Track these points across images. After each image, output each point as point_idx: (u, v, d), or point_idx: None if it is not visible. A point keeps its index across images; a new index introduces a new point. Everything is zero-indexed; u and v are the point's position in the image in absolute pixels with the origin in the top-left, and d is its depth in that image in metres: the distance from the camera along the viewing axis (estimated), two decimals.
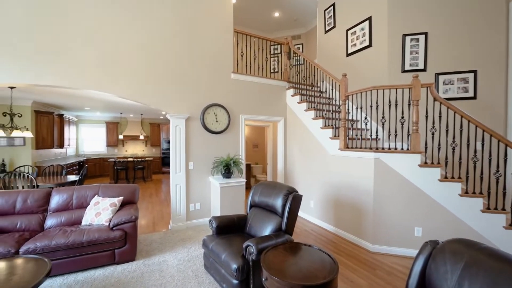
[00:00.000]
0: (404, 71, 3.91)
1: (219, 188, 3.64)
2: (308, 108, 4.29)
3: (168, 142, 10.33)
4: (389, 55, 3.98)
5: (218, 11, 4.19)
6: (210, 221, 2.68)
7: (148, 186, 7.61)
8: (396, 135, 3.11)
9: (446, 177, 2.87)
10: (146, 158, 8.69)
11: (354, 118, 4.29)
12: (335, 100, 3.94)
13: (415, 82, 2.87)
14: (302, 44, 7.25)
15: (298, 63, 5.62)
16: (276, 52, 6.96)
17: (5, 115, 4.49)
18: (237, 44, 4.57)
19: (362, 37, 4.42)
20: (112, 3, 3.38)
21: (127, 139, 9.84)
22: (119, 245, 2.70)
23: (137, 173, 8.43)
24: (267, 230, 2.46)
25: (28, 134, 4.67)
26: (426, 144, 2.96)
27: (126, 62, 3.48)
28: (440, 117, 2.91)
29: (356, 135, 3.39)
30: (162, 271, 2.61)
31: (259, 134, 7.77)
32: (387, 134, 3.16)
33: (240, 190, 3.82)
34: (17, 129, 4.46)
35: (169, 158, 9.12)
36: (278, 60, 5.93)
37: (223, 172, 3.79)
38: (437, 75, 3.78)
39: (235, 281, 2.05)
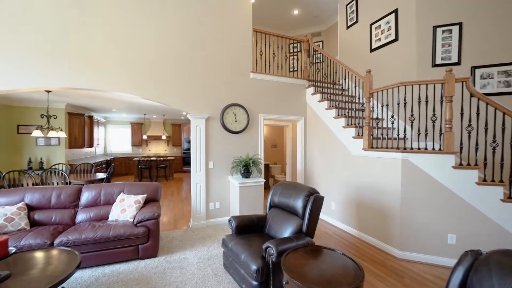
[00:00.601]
0: (434, 65, 3.64)
1: (238, 187, 3.64)
2: (329, 106, 4.15)
3: (189, 142, 10.60)
4: (418, 48, 3.73)
5: (237, 11, 4.20)
6: (229, 220, 2.67)
7: (170, 185, 7.85)
8: (426, 134, 2.89)
9: (485, 180, 2.62)
10: (168, 158, 8.98)
11: (379, 116, 4.07)
12: (358, 98, 3.76)
13: (448, 77, 2.65)
14: (322, 41, 7.06)
15: (318, 61, 5.48)
16: (295, 50, 6.84)
17: (42, 117, 4.86)
18: (256, 43, 4.55)
19: (388, 31, 4.19)
20: (135, 10, 3.52)
21: (150, 139, 10.25)
22: (143, 241, 2.80)
23: (159, 172, 8.74)
24: (287, 232, 2.40)
25: (62, 135, 5.02)
26: (461, 144, 2.71)
27: (149, 65, 3.60)
28: (477, 114, 2.66)
29: (382, 135, 3.21)
30: (182, 268, 2.65)
31: (278, 134, 7.69)
32: (416, 133, 2.95)
33: (259, 190, 3.79)
34: (52, 129, 4.81)
35: (189, 157, 9.34)
36: (297, 58, 5.83)
37: (242, 171, 3.79)
38: (473, 68, 3.47)
39: (254, 282, 2.02)
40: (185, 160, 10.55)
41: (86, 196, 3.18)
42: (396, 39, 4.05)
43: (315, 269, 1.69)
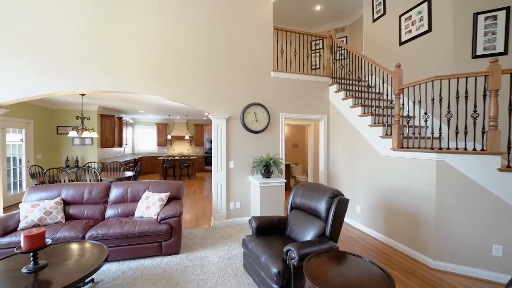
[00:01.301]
0: (475, 56, 3.29)
1: (258, 187, 3.60)
2: (354, 104, 3.95)
3: (211, 142, 10.81)
4: (455, 39, 3.40)
5: (258, 10, 4.16)
6: (249, 221, 2.64)
7: (192, 183, 8.06)
8: (466, 133, 2.61)
9: None
10: (191, 157, 9.23)
11: (410, 114, 3.78)
12: (387, 95, 3.53)
13: (494, 68, 2.37)
14: (346, 37, 6.78)
15: (342, 57, 5.26)
16: (317, 47, 6.64)
17: (77, 119, 5.24)
18: (277, 41, 4.47)
19: (419, 21, 3.88)
20: (159, 15, 3.64)
21: (174, 139, 10.62)
22: (165, 238, 2.87)
23: (182, 171, 9.02)
24: (309, 235, 2.31)
25: (94, 135, 5.37)
26: (509, 143, 2.41)
27: (173, 67, 3.70)
28: None
29: (413, 133, 2.96)
30: (203, 267, 2.67)
31: (299, 134, 7.53)
32: (454, 132, 2.67)
33: (280, 190, 3.72)
34: (86, 130, 5.16)
35: (211, 157, 9.51)
36: (319, 55, 5.64)
37: (263, 171, 3.74)
38: None
39: (275, 286, 1.96)
40: (207, 159, 10.77)
41: (114, 193, 3.34)
42: (429, 30, 3.74)
43: (339, 277, 1.58)
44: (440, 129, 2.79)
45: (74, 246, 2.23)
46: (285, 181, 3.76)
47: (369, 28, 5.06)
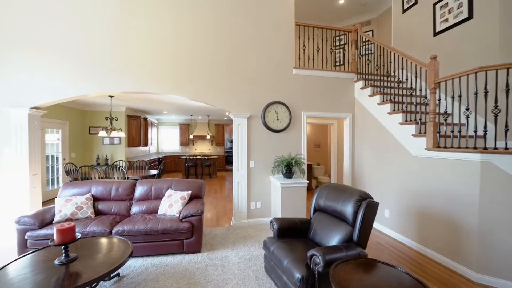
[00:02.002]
0: None
1: (279, 188, 3.51)
2: (383, 101, 3.70)
3: (231, 142, 10.89)
4: (502, 25, 3.03)
5: (279, 6, 4.07)
6: (271, 222, 2.56)
7: (213, 182, 8.16)
8: None
9: None
10: (212, 156, 9.36)
11: (447, 110, 3.45)
12: (420, 90, 3.24)
13: None
14: (372, 30, 6.42)
15: (367, 52, 4.97)
16: (341, 43, 6.36)
17: (106, 119, 5.53)
18: (299, 37, 4.34)
19: (458, 8, 3.53)
20: (181, 17, 3.69)
21: (196, 138, 10.86)
22: (187, 236, 2.89)
23: (204, 170, 9.18)
24: (334, 239, 2.17)
25: (122, 134, 5.63)
26: None
27: (194, 68, 3.74)
28: None
29: (452, 132, 2.67)
30: (224, 267, 2.64)
31: (321, 133, 7.29)
32: (503, 130, 2.36)
33: (302, 191, 3.59)
34: (114, 130, 5.43)
35: (232, 156, 9.57)
36: (343, 51, 5.38)
37: (284, 171, 3.64)
38: None
39: None
40: (228, 159, 10.87)
41: (139, 190, 3.45)
42: (469, 17, 3.38)
43: None
44: (485, 127, 2.49)
45: (101, 241, 2.31)
46: (307, 181, 3.62)
47: (398, 19, 4.73)
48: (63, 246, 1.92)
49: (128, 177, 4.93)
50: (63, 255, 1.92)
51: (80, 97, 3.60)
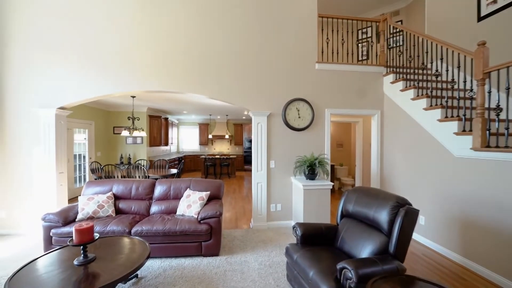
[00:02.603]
0: None
1: (302, 190, 3.30)
2: (417, 96, 3.34)
3: (250, 141, 10.80)
4: None
5: None
6: (294, 227, 2.37)
7: (232, 182, 8.10)
8: None
9: None
10: (231, 156, 9.32)
11: (500, 105, 3.02)
12: (464, 82, 2.85)
13: None
14: (401, 21, 5.93)
15: (397, 44, 4.58)
16: (368, 35, 5.96)
17: (129, 119, 5.66)
18: (322, 30, 4.08)
19: None
20: (200, 16, 3.61)
21: (215, 138, 10.91)
22: (205, 239, 2.79)
23: (223, 170, 9.16)
24: (365, 250, 1.94)
25: (143, 134, 5.73)
26: None
27: (217, 67, 3.65)
28: None
29: (507, 129, 2.30)
30: (243, 273, 2.50)
31: (344, 132, 6.92)
32: None
33: (326, 194, 3.35)
34: (136, 130, 5.53)
35: (250, 156, 9.48)
36: (368, 44, 5.01)
37: (307, 172, 3.42)
38: None
39: None
40: (246, 158, 10.79)
41: (158, 190, 3.42)
42: None
43: None
44: None
45: (120, 241, 2.28)
46: (332, 183, 3.37)
47: (433, 5, 4.28)
48: (81, 247, 1.89)
49: (148, 176, 4.99)
50: (82, 255, 1.89)
51: (105, 97, 3.66)
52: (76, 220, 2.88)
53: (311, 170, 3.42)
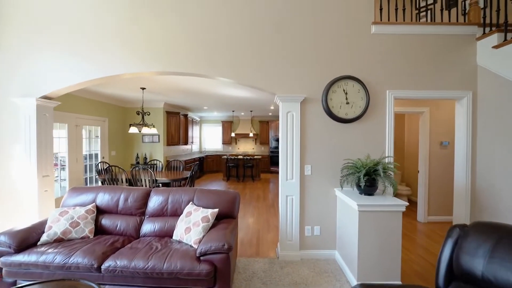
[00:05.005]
0: None
1: (356, 212, 2.15)
2: None
3: (277, 140, 9.72)
4: None
5: None
6: None
7: (256, 186, 7.12)
8: None
9: None
10: (255, 157, 8.36)
11: None
12: None
13: None
14: None
15: None
16: None
17: (138, 114, 5.00)
18: None
19: None
20: None
21: (239, 137, 10.05)
22: (206, 285, 1.82)
23: (246, 171, 8.24)
24: None
25: (154, 131, 5.02)
26: None
27: (243, 45, 2.68)
28: None
29: None
30: None
31: (395, 125, 5.46)
32: None
33: (396, 219, 2.15)
34: (146, 126, 4.84)
35: (277, 157, 8.40)
36: None
37: (363, 184, 2.25)
38: None
39: None
40: (273, 159, 9.75)
41: (153, 202, 2.55)
42: None
43: None
44: None
45: None
46: (406, 203, 2.15)
47: None
48: None
49: (156, 180, 4.22)
50: None
51: (96, 81, 2.92)
52: (38, 243, 2.12)
53: (368, 180, 2.25)
